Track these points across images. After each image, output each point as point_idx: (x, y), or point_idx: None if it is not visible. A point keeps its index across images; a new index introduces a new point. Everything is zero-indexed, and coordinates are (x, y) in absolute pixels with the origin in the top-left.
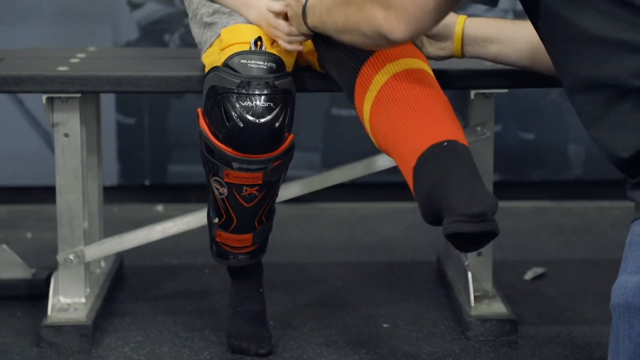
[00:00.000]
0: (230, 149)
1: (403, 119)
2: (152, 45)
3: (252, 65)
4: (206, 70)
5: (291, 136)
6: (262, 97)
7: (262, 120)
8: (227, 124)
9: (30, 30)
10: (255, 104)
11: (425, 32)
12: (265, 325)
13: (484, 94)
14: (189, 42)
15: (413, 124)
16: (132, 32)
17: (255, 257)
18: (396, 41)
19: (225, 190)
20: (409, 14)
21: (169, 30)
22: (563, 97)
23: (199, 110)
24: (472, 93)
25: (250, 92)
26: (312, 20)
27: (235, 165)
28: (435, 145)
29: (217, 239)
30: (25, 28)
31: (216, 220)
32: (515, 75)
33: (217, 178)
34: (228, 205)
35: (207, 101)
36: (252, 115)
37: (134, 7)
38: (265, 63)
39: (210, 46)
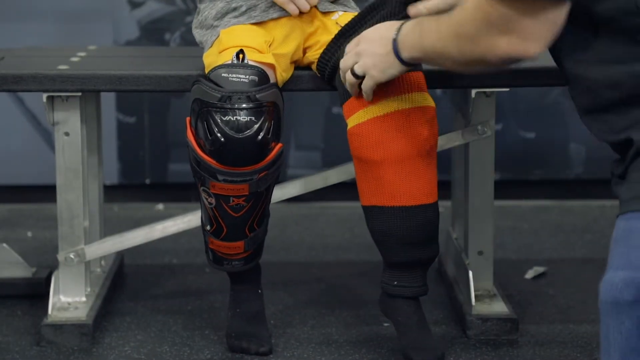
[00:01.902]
0: (214, 162)
1: (379, 167)
2: (152, 44)
3: (234, 79)
4: (205, 70)
5: (279, 146)
6: (243, 111)
7: (244, 134)
8: (209, 137)
9: (31, 29)
10: (236, 118)
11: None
12: (264, 325)
13: (485, 92)
14: (190, 41)
15: (384, 175)
16: (132, 30)
17: (250, 263)
18: (533, 58)
19: (213, 201)
20: (540, 32)
21: (170, 29)
22: (564, 97)
23: (187, 119)
24: (473, 92)
25: (231, 106)
26: (409, 53)
27: (220, 177)
28: (391, 207)
29: (211, 246)
30: (25, 27)
31: (208, 227)
32: (516, 74)
33: (204, 188)
34: (217, 215)
35: (192, 113)
36: (233, 130)
37: (135, 5)
38: (247, 76)
39: (210, 46)
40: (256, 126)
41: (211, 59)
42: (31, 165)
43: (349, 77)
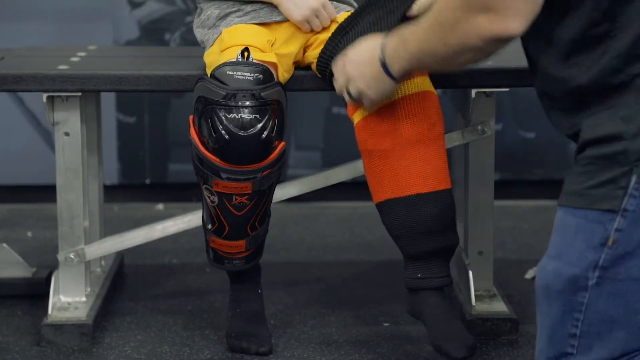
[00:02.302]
0: (218, 160)
1: (390, 155)
2: (152, 44)
3: (239, 77)
4: (207, 69)
5: (282, 144)
6: (248, 109)
7: (248, 132)
8: (214, 135)
9: (31, 29)
10: (240, 116)
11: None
12: (264, 325)
13: (485, 92)
14: (190, 41)
15: (396, 163)
16: (132, 30)
17: (251, 262)
18: (514, 37)
19: (215, 199)
20: (520, 8)
21: (170, 29)
22: None
23: (190, 117)
24: (473, 92)
25: (236, 104)
26: (399, 66)
27: (223, 175)
28: (405, 197)
29: (212, 245)
30: (25, 27)
31: (209, 226)
32: (516, 74)
33: (207, 186)
34: (219, 213)
35: (196, 111)
36: (237, 128)
37: (135, 5)
38: (252, 74)
39: (212, 44)
40: (260, 124)
41: (213, 57)
42: (31, 165)
43: (347, 99)
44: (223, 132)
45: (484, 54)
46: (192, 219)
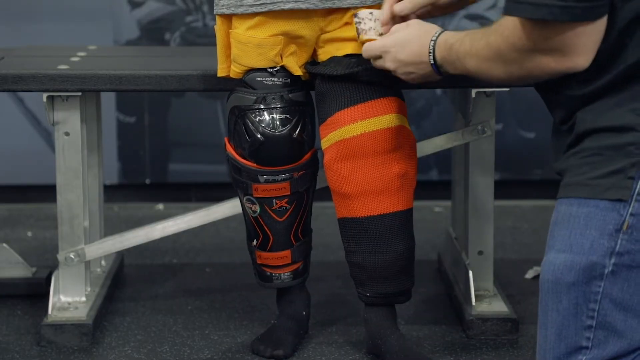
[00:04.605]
0: (254, 164)
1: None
2: (152, 44)
3: (268, 82)
4: (217, 27)
5: (312, 150)
6: (278, 109)
7: (281, 131)
8: (249, 139)
9: (31, 29)
10: (272, 117)
11: None
12: (293, 343)
13: (485, 92)
14: (190, 41)
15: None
16: (132, 30)
17: (298, 277)
18: (584, 68)
19: (257, 208)
20: (586, 45)
21: (170, 28)
22: None
23: (226, 138)
24: (473, 92)
25: (267, 106)
26: (452, 70)
27: (261, 178)
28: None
29: (258, 261)
30: (25, 27)
31: (254, 242)
32: None
33: (248, 197)
34: (262, 222)
35: (230, 121)
36: (270, 128)
37: (135, 5)
38: (280, 79)
39: (243, 16)
40: (291, 124)
41: (236, 50)
42: (31, 165)
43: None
44: (258, 135)
45: (548, 78)
46: (192, 219)
